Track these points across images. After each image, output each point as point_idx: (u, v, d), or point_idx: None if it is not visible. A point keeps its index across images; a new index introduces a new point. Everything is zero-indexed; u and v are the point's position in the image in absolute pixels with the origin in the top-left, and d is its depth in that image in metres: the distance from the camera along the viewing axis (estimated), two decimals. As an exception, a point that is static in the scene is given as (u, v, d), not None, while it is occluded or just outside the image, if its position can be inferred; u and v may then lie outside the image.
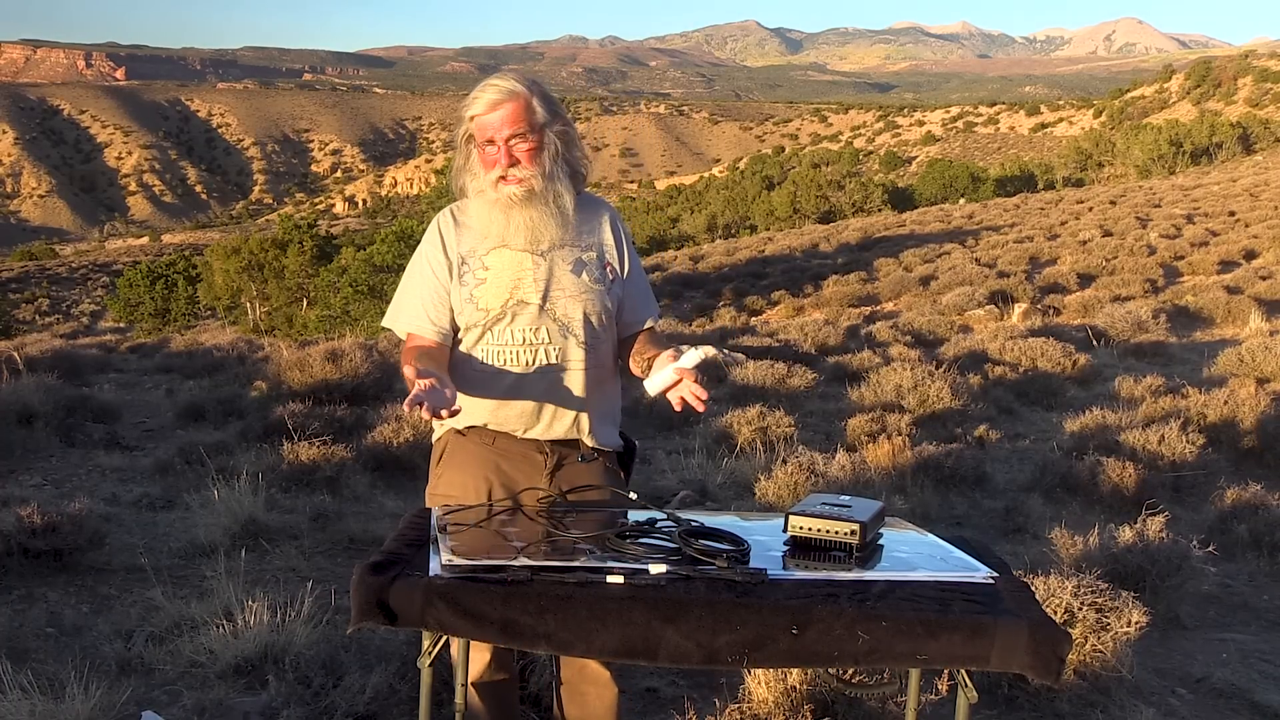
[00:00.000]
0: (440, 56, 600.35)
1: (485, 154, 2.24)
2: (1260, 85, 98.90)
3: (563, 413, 2.29)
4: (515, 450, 2.31)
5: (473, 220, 2.31)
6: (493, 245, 2.28)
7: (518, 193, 2.22)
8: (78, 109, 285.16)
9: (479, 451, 2.31)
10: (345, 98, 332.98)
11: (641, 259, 2.59)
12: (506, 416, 2.29)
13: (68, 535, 4.21)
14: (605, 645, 1.73)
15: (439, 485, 2.35)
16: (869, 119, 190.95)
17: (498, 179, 2.23)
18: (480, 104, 2.23)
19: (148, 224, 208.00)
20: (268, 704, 3.02)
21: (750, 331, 14.40)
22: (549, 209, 2.25)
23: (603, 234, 2.36)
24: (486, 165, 2.24)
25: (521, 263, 2.26)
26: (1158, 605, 3.73)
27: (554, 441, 2.31)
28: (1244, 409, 6.75)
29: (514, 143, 2.22)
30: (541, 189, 2.23)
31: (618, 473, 2.41)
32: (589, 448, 2.34)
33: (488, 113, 2.22)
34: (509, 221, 2.24)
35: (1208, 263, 19.07)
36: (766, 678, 3.01)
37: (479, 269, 2.27)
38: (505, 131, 2.21)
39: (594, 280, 2.30)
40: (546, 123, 2.25)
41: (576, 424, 2.31)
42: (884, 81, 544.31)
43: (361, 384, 8.05)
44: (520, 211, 2.23)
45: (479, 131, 2.24)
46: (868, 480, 5.39)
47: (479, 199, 2.28)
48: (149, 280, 32.38)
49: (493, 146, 2.22)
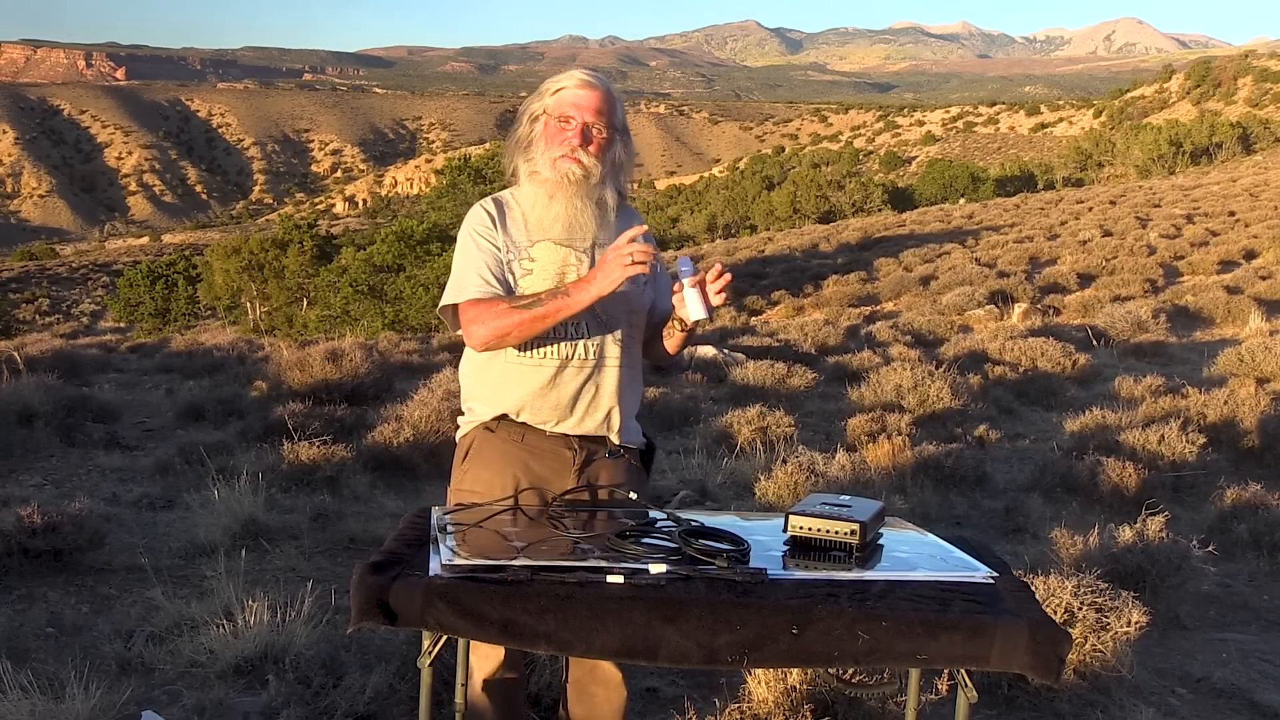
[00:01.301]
0: (440, 56, 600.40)
1: (557, 129, 2.24)
2: (1260, 85, 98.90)
3: (596, 408, 2.30)
4: (544, 447, 2.30)
5: (513, 209, 2.30)
6: (536, 238, 2.27)
7: (575, 172, 2.23)
8: (78, 109, 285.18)
9: (507, 448, 2.31)
10: (345, 98, 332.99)
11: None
12: (540, 408, 2.29)
13: (68, 535, 4.21)
14: (605, 645, 1.74)
15: (464, 481, 2.34)
16: (869, 119, 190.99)
17: (560, 156, 2.23)
18: (573, 79, 2.26)
19: (148, 224, 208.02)
20: (268, 704, 3.02)
21: (750, 331, 14.40)
22: (592, 205, 2.26)
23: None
24: (553, 140, 2.24)
25: (566, 257, 2.27)
26: (1158, 605, 3.73)
27: (582, 437, 2.31)
28: (1244, 409, 6.76)
29: (592, 128, 2.23)
30: (597, 181, 2.25)
31: (641, 470, 2.42)
32: (615, 444, 2.35)
33: (578, 88, 2.25)
34: (550, 207, 2.24)
35: (1208, 263, 19.07)
36: (766, 678, 3.01)
37: (525, 260, 2.27)
38: (588, 114, 2.23)
39: (630, 280, 2.31)
40: (620, 129, 2.29)
41: (608, 420, 2.32)
42: (884, 81, 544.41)
43: (361, 384, 8.05)
44: (565, 197, 2.23)
45: (557, 107, 2.25)
46: (868, 480, 5.39)
47: (529, 181, 2.28)
48: (149, 280, 32.41)
49: (567, 124, 2.23)
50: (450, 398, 6.62)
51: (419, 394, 6.98)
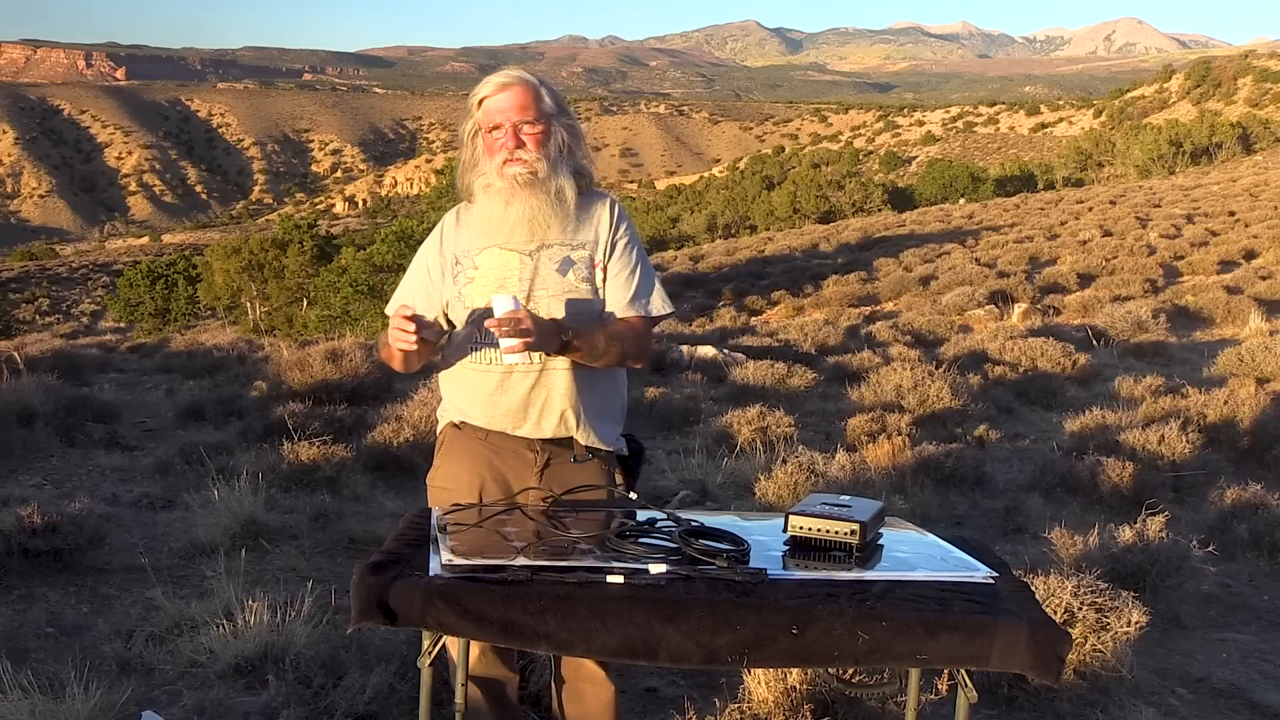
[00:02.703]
0: (440, 56, 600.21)
1: (491, 140, 2.25)
2: (1260, 85, 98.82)
3: (549, 411, 2.29)
4: (507, 447, 2.32)
5: (474, 218, 2.32)
6: (485, 245, 2.29)
7: (522, 174, 2.23)
8: (78, 109, 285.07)
9: (473, 446, 2.34)
10: (345, 98, 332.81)
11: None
12: (494, 415, 2.31)
13: (68, 535, 4.21)
14: (605, 645, 1.74)
15: (436, 476, 2.40)
16: (869, 119, 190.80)
17: (503, 163, 2.23)
18: (490, 86, 2.26)
19: (148, 224, 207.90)
20: (268, 704, 3.02)
21: (750, 331, 14.40)
22: (550, 200, 2.24)
23: (598, 231, 2.33)
24: (492, 151, 2.25)
25: (509, 262, 2.27)
26: (1158, 605, 3.73)
27: (545, 440, 2.31)
28: (1244, 409, 6.75)
29: (522, 127, 2.23)
30: (545, 175, 2.24)
31: (614, 475, 2.39)
32: (583, 448, 2.33)
33: (496, 94, 2.25)
34: (508, 211, 2.24)
35: (1208, 263, 19.06)
36: (766, 678, 3.01)
37: (469, 268, 2.30)
38: (514, 115, 2.23)
39: (580, 279, 2.29)
40: (554, 114, 2.27)
41: (564, 422, 2.30)
42: (884, 81, 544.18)
43: (361, 384, 8.05)
44: (522, 199, 2.23)
45: (486, 118, 2.25)
46: (868, 480, 5.39)
47: (484, 195, 2.28)
48: (149, 280, 32.38)
49: (499, 131, 2.24)
50: (450, 398, 6.61)
51: (419, 394, 6.98)
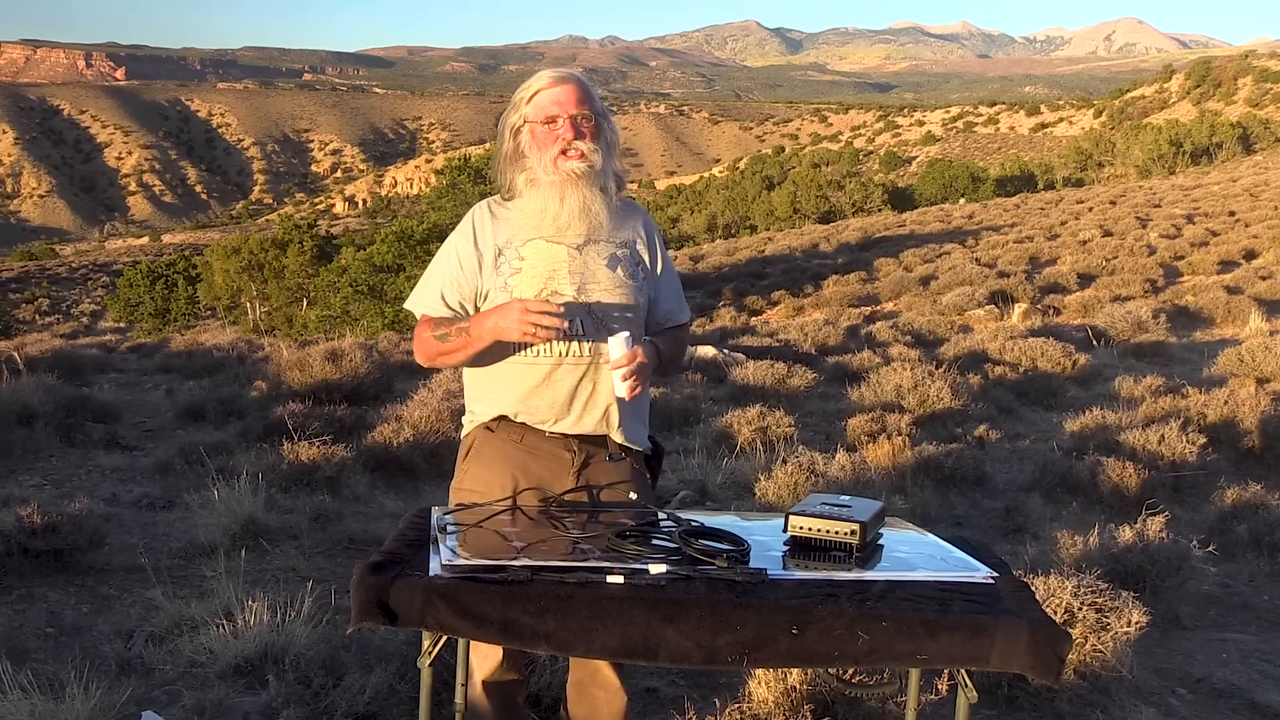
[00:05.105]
0: (440, 56, 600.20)
1: (544, 132, 2.24)
2: (1260, 85, 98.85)
3: (593, 405, 2.28)
4: (543, 447, 2.30)
5: (517, 212, 2.30)
6: (530, 236, 2.27)
7: (579, 167, 2.22)
8: (78, 109, 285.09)
9: (506, 448, 2.30)
10: (345, 98, 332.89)
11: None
12: (537, 407, 2.28)
13: (68, 535, 4.21)
14: (605, 645, 1.74)
15: (464, 480, 2.35)
16: (869, 119, 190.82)
17: (559, 154, 2.22)
18: (545, 79, 2.26)
19: (148, 224, 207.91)
20: (268, 704, 3.02)
21: (750, 331, 14.40)
22: (601, 194, 2.26)
23: (637, 232, 2.37)
24: (545, 144, 2.24)
25: (557, 254, 2.26)
26: (1158, 605, 3.73)
27: (582, 438, 2.30)
28: (1244, 409, 6.75)
29: (579, 118, 2.23)
30: (601, 168, 2.24)
31: (644, 474, 2.39)
32: (617, 446, 2.33)
33: (552, 86, 2.24)
34: (564, 203, 2.23)
35: (1208, 263, 19.06)
36: (766, 678, 3.01)
37: (515, 259, 2.27)
38: (571, 108, 2.22)
39: (628, 275, 2.30)
40: (603, 114, 2.29)
41: (606, 418, 2.30)
42: (884, 81, 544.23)
43: (361, 384, 8.05)
44: (576, 191, 2.22)
45: (537, 111, 2.24)
46: (868, 480, 5.38)
47: (529, 188, 2.26)
48: (149, 280, 32.40)
49: (553, 123, 2.23)
50: (450, 398, 6.62)
51: (419, 394, 6.98)
